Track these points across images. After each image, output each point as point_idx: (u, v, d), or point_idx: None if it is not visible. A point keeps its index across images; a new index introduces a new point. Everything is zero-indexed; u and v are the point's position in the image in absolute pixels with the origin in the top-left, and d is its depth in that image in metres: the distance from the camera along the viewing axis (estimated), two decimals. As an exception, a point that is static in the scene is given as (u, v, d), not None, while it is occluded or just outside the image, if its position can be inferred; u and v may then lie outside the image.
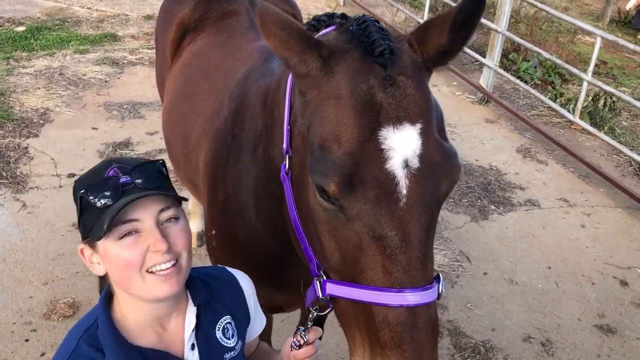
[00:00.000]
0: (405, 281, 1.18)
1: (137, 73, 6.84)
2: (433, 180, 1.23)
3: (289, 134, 1.45)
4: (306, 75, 1.31)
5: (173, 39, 3.09)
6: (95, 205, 1.25)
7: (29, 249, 3.92)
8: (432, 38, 1.32)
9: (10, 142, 5.10)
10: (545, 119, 6.80)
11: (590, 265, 4.39)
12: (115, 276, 1.30)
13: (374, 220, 1.19)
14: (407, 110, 1.24)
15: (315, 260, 1.37)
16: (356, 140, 1.20)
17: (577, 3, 13.67)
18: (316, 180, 1.23)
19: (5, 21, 8.06)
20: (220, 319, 1.48)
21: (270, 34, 1.28)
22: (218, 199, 2.09)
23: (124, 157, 1.37)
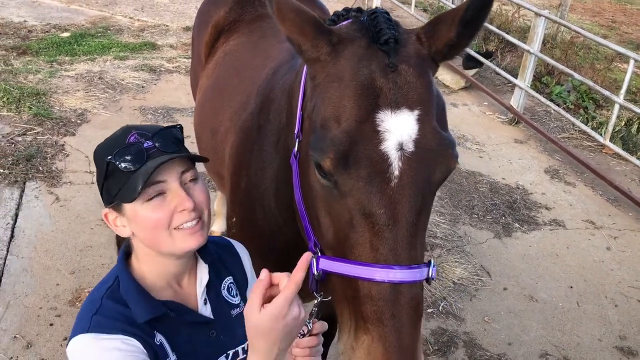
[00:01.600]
0: (390, 258, 1.23)
1: (173, 80, 7.03)
2: (427, 165, 1.27)
3: (300, 119, 1.52)
4: (316, 59, 1.38)
5: (208, 41, 3.21)
6: (123, 169, 1.32)
7: (58, 240, 4.06)
8: (442, 32, 1.38)
9: (49, 139, 5.29)
10: (576, 142, 6.74)
11: (614, 288, 4.33)
12: (145, 236, 1.38)
13: (365, 197, 1.24)
14: (406, 97, 1.29)
15: (313, 238, 1.43)
16: (354, 120, 1.26)
17: (617, 32, 13.54)
18: (314, 157, 1.29)
19: (51, 27, 8.39)
20: (224, 279, 1.58)
21: (285, 19, 1.35)
22: (240, 187, 2.17)
23: (139, 124, 1.46)
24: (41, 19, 8.63)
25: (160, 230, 1.35)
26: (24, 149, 5.05)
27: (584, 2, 16.12)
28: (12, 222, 4.18)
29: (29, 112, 5.66)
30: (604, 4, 16.21)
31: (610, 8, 15.85)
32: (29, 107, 5.73)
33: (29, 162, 4.86)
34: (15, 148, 5.05)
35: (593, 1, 16.43)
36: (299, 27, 1.35)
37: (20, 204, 4.39)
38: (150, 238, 1.37)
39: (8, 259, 3.82)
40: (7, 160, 4.83)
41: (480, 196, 5.29)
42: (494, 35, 8.87)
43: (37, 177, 4.72)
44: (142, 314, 1.35)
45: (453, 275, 4.18)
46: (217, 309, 1.51)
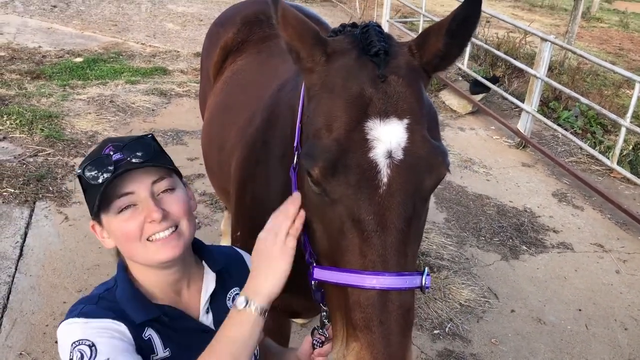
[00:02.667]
0: (379, 265, 1.23)
1: (183, 104, 7.13)
2: (416, 173, 1.29)
3: (299, 132, 1.54)
4: (311, 69, 1.41)
5: (217, 61, 3.27)
6: (91, 183, 1.34)
7: (66, 258, 4.09)
8: (430, 43, 1.40)
9: (59, 160, 5.37)
10: (584, 165, 6.73)
11: (623, 311, 4.28)
12: (120, 247, 1.41)
13: (354, 204, 1.26)
14: (395, 106, 1.31)
15: (309, 248, 1.44)
16: (344, 129, 1.29)
17: (624, 59, 13.60)
18: (305, 164, 1.31)
19: (65, 52, 8.57)
20: (230, 290, 1.57)
21: (288, 26, 1.39)
22: (245, 202, 2.19)
23: (120, 136, 1.47)
24: (55, 45, 8.82)
25: (133, 241, 1.35)
26: (35, 169, 5.12)
27: (591, 30, 16.24)
28: (21, 240, 4.22)
29: (41, 134, 5.75)
30: (612, 32, 16.32)
31: (618, 36, 15.95)
32: (41, 129, 5.82)
33: (40, 183, 4.92)
34: (26, 168, 5.12)
35: (600, 29, 16.55)
36: (299, 34, 1.39)
37: (29, 223, 4.43)
38: (125, 249, 1.39)
39: (16, 277, 3.85)
40: (18, 180, 4.90)
41: (488, 219, 5.28)
42: (501, 61, 8.94)
43: (47, 196, 4.77)
44: (137, 316, 1.36)
45: (460, 297, 4.16)
46: (220, 319, 1.47)
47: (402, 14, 12.77)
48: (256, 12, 3.23)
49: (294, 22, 1.39)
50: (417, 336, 3.72)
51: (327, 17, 11.95)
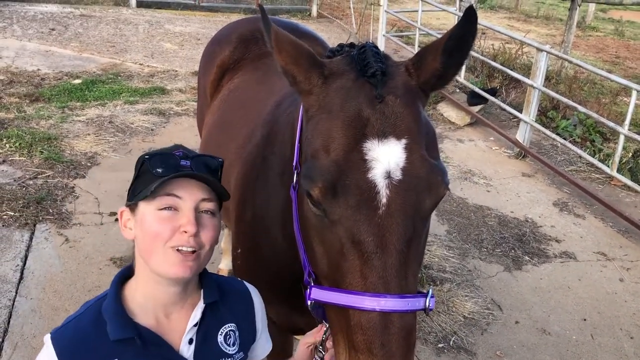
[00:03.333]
0: (380, 286, 1.23)
1: (182, 123, 7.15)
2: (415, 193, 1.29)
3: (298, 152, 1.55)
4: (309, 92, 1.42)
5: (213, 80, 3.29)
6: (152, 171, 1.37)
7: (67, 280, 4.07)
8: (427, 63, 1.41)
9: (59, 181, 5.36)
10: (584, 174, 6.73)
11: (629, 320, 4.25)
12: (142, 242, 1.40)
13: (353, 225, 1.26)
14: (393, 126, 1.31)
15: (308, 267, 1.44)
16: (342, 150, 1.29)
17: (621, 67, 13.66)
18: (304, 186, 1.32)
19: (64, 75, 8.60)
20: (224, 325, 1.52)
21: (282, 50, 1.41)
22: (245, 218, 2.18)
23: (190, 149, 1.51)
24: (54, 68, 8.86)
25: (158, 242, 1.36)
26: (35, 192, 5.11)
27: (587, 39, 16.33)
28: (21, 263, 4.20)
29: (40, 156, 5.76)
30: (607, 41, 16.40)
31: (614, 44, 16.03)
32: (41, 151, 5.83)
33: (40, 205, 4.92)
34: (26, 191, 5.12)
35: (596, 38, 16.64)
36: (294, 58, 1.41)
37: (30, 245, 4.42)
38: (146, 246, 1.38)
39: (17, 301, 3.83)
40: (18, 203, 4.89)
41: (489, 230, 5.26)
42: (498, 72, 8.98)
43: (47, 219, 4.76)
44: (112, 332, 1.36)
45: (463, 310, 4.13)
46: (202, 352, 1.46)
47: (398, 28, 12.86)
48: (252, 30, 3.25)
49: (288, 47, 1.40)
50: (422, 350, 3.69)
51: (324, 32, 12.03)
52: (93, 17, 12.35)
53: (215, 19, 12.79)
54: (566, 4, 12.75)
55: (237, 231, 2.25)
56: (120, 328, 1.36)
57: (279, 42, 1.41)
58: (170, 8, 14.06)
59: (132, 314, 1.41)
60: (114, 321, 1.37)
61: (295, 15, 14.16)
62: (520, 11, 19.85)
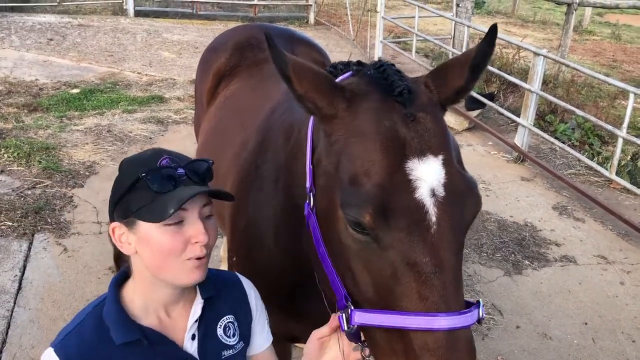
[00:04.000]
0: (442, 305, 1.22)
1: (180, 131, 7.15)
2: (459, 208, 1.30)
3: (311, 174, 1.52)
4: (333, 116, 1.40)
5: (210, 87, 3.28)
6: (152, 188, 1.33)
7: (66, 290, 4.05)
8: (452, 79, 1.44)
9: (57, 191, 5.36)
10: (583, 177, 6.73)
11: (630, 323, 4.23)
12: (151, 259, 1.37)
13: (408, 248, 1.24)
14: (429, 144, 1.32)
15: (343, 292, 1.39)
16: (385, 172, 1.28)
17: (618, 70, 13.68)
18: (350, 214, 1.28)
19: (62, 84, 8.61)
20: (223, 317, 1.55)
21: (303, 79, 1.38)
22: (239, 227, 2.17)
23: (169, 150, 1.46)
24: (52, 77, 8.87)
25: (172, 257, 1.35)
26: (33, 201, 5.11)
27: (584, 43, 16.36)
28: (19, 274, 4.19)
29: (39, 166, 5.76)
30: (604, 44, 16.44)
31: (611, 48, 16.06)
32: (39, 161, 5.83)
33: (38, 215, 4.91)
34: (24, 201, 5.11)
35: (593, 42, 16.67)
36: (315, 86, 1.39)
37: (28, 255, 4.41)
38: (157, 262, 1.36)
39: (15, 311, 3.82)
40: (16, 213, 4.89)
41: (489, 234, 5.25)
42: (495, 77, 8.98)
43: (45, 228, 4.75)
44: (118, 337, 1.36)
45: (464, 315, 4.10)
46: (205, 346, 1.49)
47: (396, 35, 12.89)
48: (247, 37, 3.25)
49: (309, 75, 1.39)
50: (422, 356, 3.67)
51: (322, 40, 12.06)
52: (91, 26, 12.38)
53: (213, 27, 12.82)
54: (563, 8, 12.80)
55: (231, 239, 2.24)
56: (125, 331, 1.37)
57: (298, 72, 1.38)
58: (168, 17, 14.10)
59: (134, 316, 1.42)
60: (118, 325, 1.37)
61: (293, 23, 14.20)
62: (517, 16, 19.90)
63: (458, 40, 10.27)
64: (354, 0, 14.88)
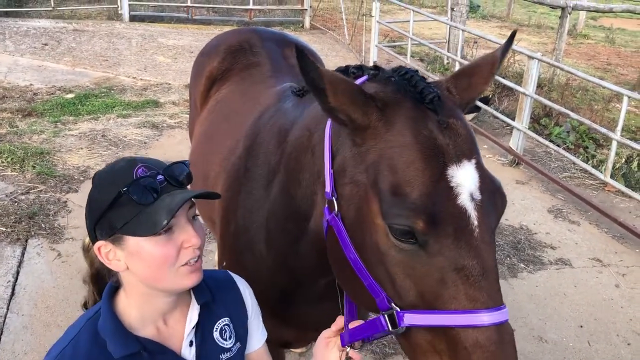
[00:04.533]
0: (491, 303, 1.26)
1: (175, 135, 7.14)
2: (492, 208, 1.36)
3: (332, 179, 1.51)
4: (367, 126, 1.40)
5: (202, 91, 3.28)
6: (137, 201, 1.28)
7: (60, 296, 4.03)
8: (478, 84, 1.52)
9: (51, 196, 5.34)
10: (578, 181, 6.74)
11: (625, 326, 4.23)
12: (145, 272, 1.34)
13: (456, 253, 1.27)
14: (462, 149, 1.36)
15: (384, 294, 1.38)
16: (430, 181, 1.30)
17: (613, 74, 13.73)
18: (397, 224, 1.29)
19: (56, 89, 8.60)
20: (218, 320, 1.54)
21: (338, 94, 1.38)
22: (229, 232, 2.16)
23: (142, 157, 1.42)
24: (46, 82, 8.85)
25: (167, 266, 1.32)
26: (27, 206, 5.08)
27: (578, 46, 16.42)
28: (13, 279, 4.16)
29: (33, 171, 5.73)
30: (599, 48, 16.50)
31: (605, 51, 16.13)
32: (33, 166, 5.81)
33: (32, 220, 4.89)
34: (18, 206, 5.09)
35: (587, 46, 16.74)
36: (351, 99, 1.39)
37: (21, 261, 4.38)
38: (152, 274, 1.34)
39: (8, 317, 3.79)
40: (10, 218, 4.86)
41: (484, 238, 5.24)
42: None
43: (39, 234, 4.73)
44: (116, 350, 1.34)
45: (459, 318, 4.10)
46: (203, 352, 1.48)
47: (391, 39, 12.91)
48: (240, 41, 3.25)
49: (345, 88, 1.38)
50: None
51: (317, 44, 12.07)
52: (86, 31, 12.37)
53: (208, 32, 12.81)
54: (557, 12, 12.85)
55: (222, 244, 2.23)
56: (123, 344, 1.34)
57: (334, 86, 1.37)
58: (163, 22, 14.09)
59: (131, 327, 1.40)
60: (116, 339, 1.35)
61: (288, 27, 14.21)
62: (511, 20, 19.97)
63: (453, 44, 10.31)
64: (349, 4, 14.92)
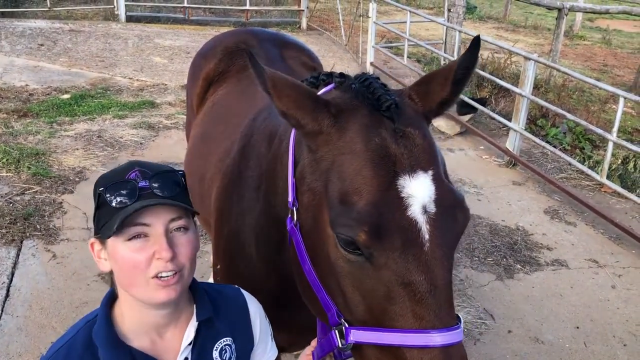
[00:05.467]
0: (437, 323, 1.21)
1: (171, 136, 7.12)
2: (449, 223, 1.29)
3: (294, 188, 1.48)
4: (318, 132, 1.37)
5: (199, 92, 3.27)
6: (111, 204, 1.29)
7: (54, 297, 4.01)
8: (435, 91, 1.42)
9: (47, 197, 5.31)
10: (574, 181, 6.74)
11: (621, 326, 4.23)
12: (120, 274, 1.34)
13: (403, 267, 1.22)
14: (418, 159, 1.30)
15: (334, 309, 1.36)
16: (377, 190, 1.25)
17: (609, 75, 13.75)
18: (342, 233, 1.25)
19: (52, 90, 8.57)
20: (220, 339, 1.49)
21: (282, 96, 1.35)
22: (223, 234, 2.14)
23: (147, 162, 1.41)
24: (42, 83, 8.82)
25: (137, 273, 1.30)
26: (22, 207, 5.06)
27: (574, 48, 16.45)
28: (7, 281, 4.14)
29: (28, 171, 5.71)
30: (595, 49, 16.53)
31: (601, 53, 16.15)
32: (28, 167, 5.78)
33: (27, 221, 4.86)
34: (13, 207, 5.06)
35: (584, 47, 16.76)
36: (296, 102, 1.35)
37: (16, 262, 4.36)
38: (125, 278, 1.33)
39: (2, 319, 3.77)
40: (5, 219, 4.84)
41: (480, 239, 5.25)
42: (487, 82, 9.01)
43: (34, 235, 4.71)
44: (106, 358, 1.32)
45: (456, 320, 4.09)
46: None
47: (387, 39, 12.91)
48: (237, 42, 3.24)
49: (288, 90, 1.35)
50: (414, 362, 3.65)
51: (314, 45, 12.06)
52: (82, 32, 12.33)
53: (205, 33, 12.79)
54: (554, 13, 12.86)
55: (216, 247, 2.22)
56: (113, 353, 1.33)
57: (277, 87, 1.34)
58: (159, 22, 14.06)
59: (125, 337, 1.37)
60: (107, 346, 1.33)
61: (285, 28, 14.20)
62: (508, 21, 19.99)
63: (450, 45, 10.31)
64: (346, 5, 14.92)
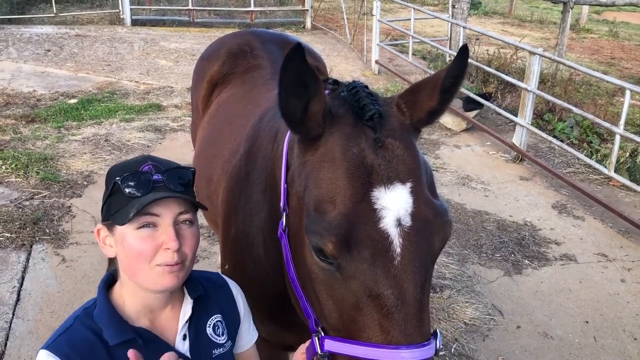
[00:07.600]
0: (403, 339, 1.20)
1: (177, 138, 7.15)
2: (426, 238, 1.26)
3: (285, 193, 1.50)
4: (307, 138, 1.38)
5: (204, 95, 3.28)
6: (125, 192, 1.38)
7: (64, 300, 4.05)
8: (423, 101, 1.40)
9: (55, 201, 5.36)
10: (582, 175, 6.71)
11: (631, 320, 4.21)
12: (125, 261, 1.40)
13: (370, 280, 1.21)
14: (397, 171, 1.28)
15: (313, 317, 1.38)
16: (350, 201, 1.24)
17: (617, 67, 13.66)
18: (313, 241, 1.26)
19: (60, 95, 8.63)
20: (211, 316, 1.57)
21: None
22: (230, 235, 2.16)
23: (158, 157, 1.50)
24: (50, 88, 8.89)
25: (142, 261, 1.37)
26: (31, 212, 5.10)
27: (581, 41, 16.36)
28: (18, 285, 4.18)
29: (37, 176, 5.76)
30: (602, 42, 16.44)
31: (609, 45, 16.06)
32: (37, 171, 5.83)
33: (36, 225, 4.91)
34: (22, 212, 5.11)
35: (591, 40, 16.67)
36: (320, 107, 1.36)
37: (26, 266, 4.40)
38: (130, 265, 1.39)
39: (14, 322, 3.81)
40: (15, 224, 4.88)
41: (488, 235, 5.24)
42: (493, 77, 8.98)
43: (43, 239, 4.75)
44: (112, 337, 1.38)
45: (464, 316, 4.09)
46: (196, 346, 1.51)
47: (392, 37, 12.89)
48: (240, 44, 3.25)
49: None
50: (423, 359, 3.65)
51: (319, 44, 12.07)
52: (88, 36, 12.41)
53: (210, 34, 12.84)
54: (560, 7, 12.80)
55: (224, 247, 2.23)
56: (119, 332, 1.39)
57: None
58: (165, 25, 14.12)
59: (125, 317, 1.44)
60: (112, 326, 1.39)
61: (290, 28, 14.22)
62: (514, 16, 19.91)
63: (455, 42, 10.29)
64: (350, 4, 14.91)
